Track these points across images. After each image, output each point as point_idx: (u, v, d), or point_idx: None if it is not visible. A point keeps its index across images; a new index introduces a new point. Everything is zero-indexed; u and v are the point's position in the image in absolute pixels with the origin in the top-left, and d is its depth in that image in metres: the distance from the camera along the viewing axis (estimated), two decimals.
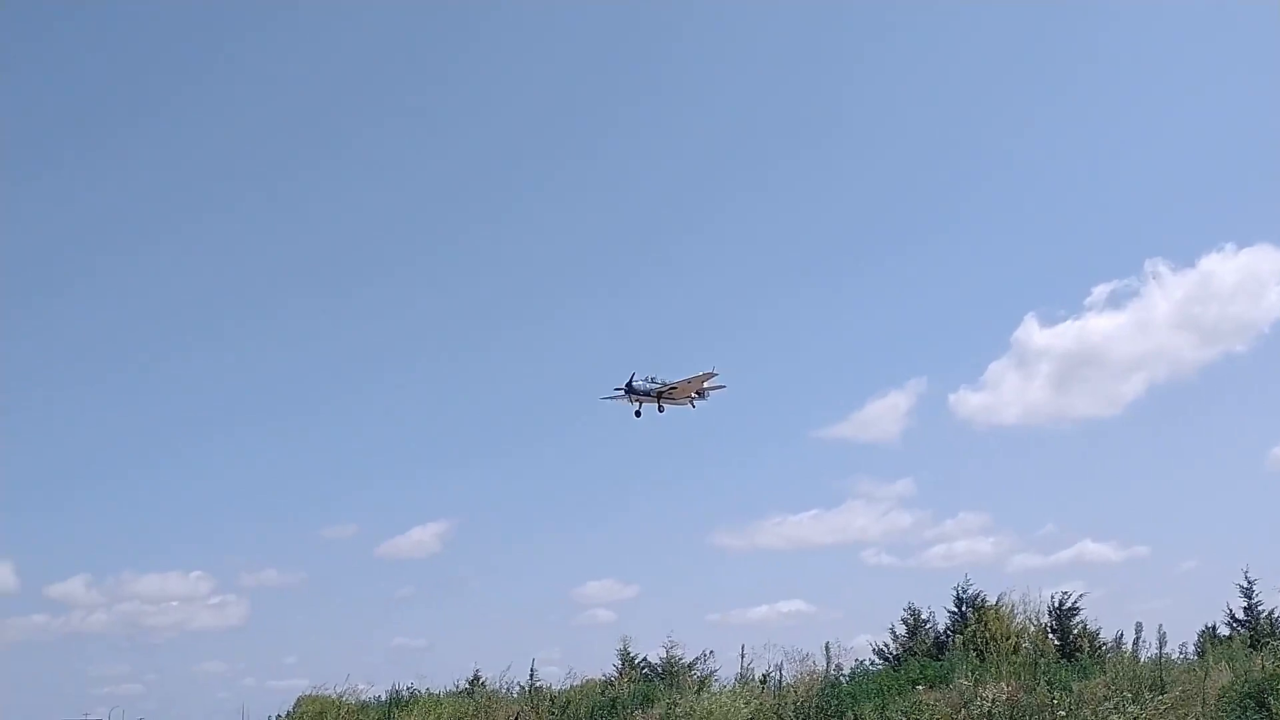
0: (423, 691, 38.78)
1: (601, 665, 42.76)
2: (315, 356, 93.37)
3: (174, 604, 73.92)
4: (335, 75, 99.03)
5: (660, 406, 52.65)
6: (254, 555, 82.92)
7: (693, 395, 53.40)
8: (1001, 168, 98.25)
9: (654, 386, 51.80)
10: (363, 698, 38.02)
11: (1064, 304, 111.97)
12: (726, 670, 38.99)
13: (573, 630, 72.01)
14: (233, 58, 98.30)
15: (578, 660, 46.40)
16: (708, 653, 41.35)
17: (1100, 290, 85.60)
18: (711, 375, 52.02)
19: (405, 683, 39.67)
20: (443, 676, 42.91)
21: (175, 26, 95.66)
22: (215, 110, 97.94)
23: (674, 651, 41.60)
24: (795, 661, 34.50)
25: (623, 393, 51.79)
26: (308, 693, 39.93)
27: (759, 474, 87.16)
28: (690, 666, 40.84)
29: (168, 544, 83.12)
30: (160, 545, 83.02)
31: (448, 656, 75.36)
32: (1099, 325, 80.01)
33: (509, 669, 39.70)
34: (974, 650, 37.01)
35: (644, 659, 42.77)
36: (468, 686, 41.44)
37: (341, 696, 37.51)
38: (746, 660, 36.71)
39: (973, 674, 30.58)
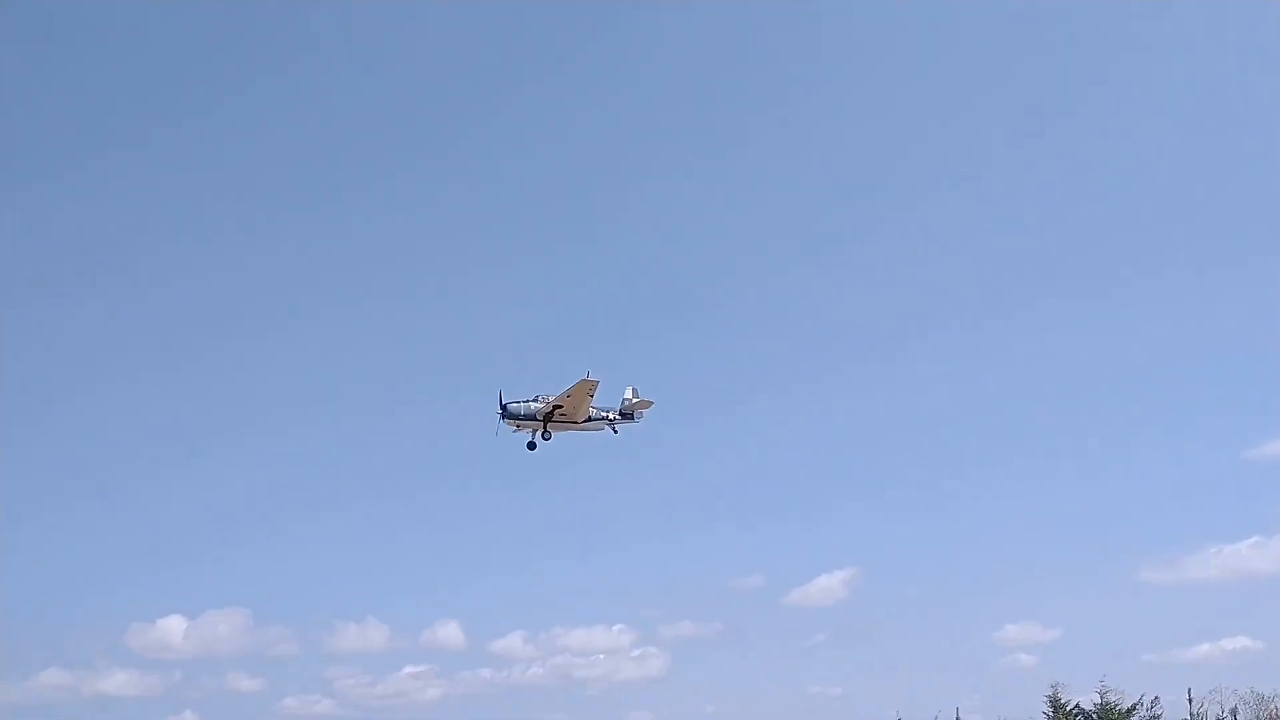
0: None
1: (1028, 712, 42.22)
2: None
3: (600, 656, 79.61)
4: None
5: (546, 432, 43.11)
6: (670, 608, 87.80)
7: (610, 416, 44.39)
8: None
9: (537, 407, 42.91)
10: None
11: None
12: (1171, 715, 37.28)
13: (992, 675, 70.51)
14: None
15: (1001, 707, 45.64)
16: (1150, 697, 39.43)
17: None
18: (593, 384, 41.77)
19: None
20: None
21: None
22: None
23: (1109, 696, 40.15)
24: (1252, 704, 32.54)
25: (498, 417, 43.10)
26: None
27: (1187, 501, 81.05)
28: (1129, 712, 39.18)
29: (592, 600, 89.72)
30: (585, 601, 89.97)
31: (865, 704, 75.66)
32: None
33: (937, 717, 40.37)
34: None
35: (1076, 705, 41.50)
36: None
37: None
38: (1196, 704, 35.00)
39: None
